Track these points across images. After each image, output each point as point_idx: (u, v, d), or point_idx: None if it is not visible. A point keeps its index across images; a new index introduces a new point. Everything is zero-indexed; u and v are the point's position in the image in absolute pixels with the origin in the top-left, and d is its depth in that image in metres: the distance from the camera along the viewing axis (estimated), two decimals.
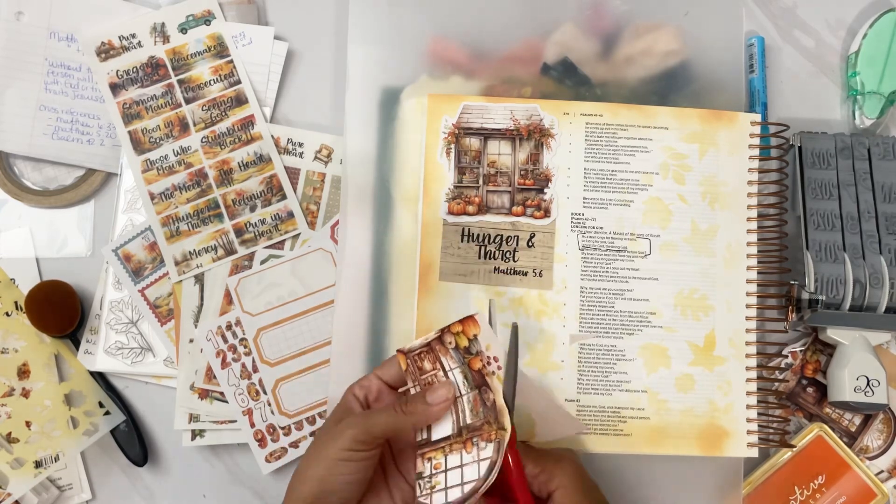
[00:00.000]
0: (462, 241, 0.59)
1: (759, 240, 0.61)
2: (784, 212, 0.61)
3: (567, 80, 0.63)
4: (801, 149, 0.63)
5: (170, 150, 0.63)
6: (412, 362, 0.50)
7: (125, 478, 0.62)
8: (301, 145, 0.64)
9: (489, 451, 0.47)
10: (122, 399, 0.62)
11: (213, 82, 0.64)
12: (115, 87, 0.63)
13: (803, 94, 0.67)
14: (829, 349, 0.62)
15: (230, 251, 0.62)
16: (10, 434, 0.59)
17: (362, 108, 0.62)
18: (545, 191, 0.60)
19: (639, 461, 0.59)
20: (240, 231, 0.63)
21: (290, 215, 0.63)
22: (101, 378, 0.62)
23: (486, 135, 0.61)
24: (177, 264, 0.62)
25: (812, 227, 0.61)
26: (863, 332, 0.60)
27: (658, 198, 0.61)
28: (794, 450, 0.60)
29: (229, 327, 0.61)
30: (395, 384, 0.51)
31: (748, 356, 0.59)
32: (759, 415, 0.59)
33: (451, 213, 0.60)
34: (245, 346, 0.61)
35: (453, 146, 0.60)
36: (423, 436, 0.49)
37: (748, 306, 0.60)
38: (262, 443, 0.60)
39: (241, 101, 0.64)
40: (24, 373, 0.61)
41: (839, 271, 0.60)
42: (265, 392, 0.60)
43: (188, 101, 0.64)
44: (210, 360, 0.61)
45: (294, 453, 0.60)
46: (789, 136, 0.63)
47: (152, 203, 0.63)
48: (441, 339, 0.49)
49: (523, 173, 0.60)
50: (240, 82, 0.64)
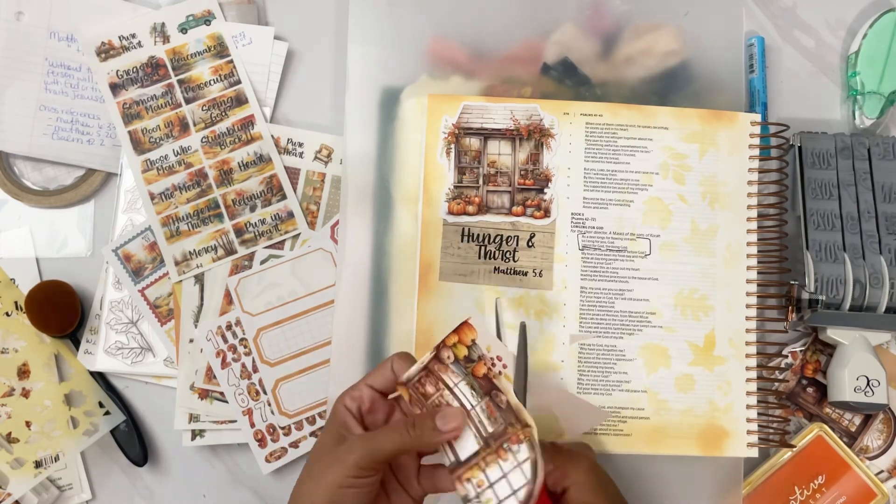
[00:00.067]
0: (462, 241, 0.59)
1: (759, 240, 0.61)
2: (784, 212, 0.61)
3: (567, 80, 0.63)
4: (801, 149, 0.63)
5: (170, 150, 0.63)
6: (414, 391, 0.48)
7: (125, 478, 0.62)
8: (301, 145, 0.64)
9: (524, 451, 0.46)
10: (122, 399, 0.62)
11: (213, 82, 0.64)
12: (115, 87, 0.63)
13: (803, 94, 0.67)
14: (829, 349, 0.62)
15: (230, 251, 0.62)
16: (10, 434, 0.59)
17: (362, 108, 0.62)
18: (545, 191, 0.60)
19: (639, 461, 0.59)
20: (240, 231, 0.63)
21: (290, 215, 0.63)
22: (101, 378, 0.62)
23: (486, 135, 0.61)
24: (177, 264, 0.62)
25: (812, 227, 0.61)
26: (863, 332, 0.60)
27: (658, 198, 0.61)
28: (794, 450, 0.60)
29: (229, 327, 0.61)
30: (387, 391, 0.49)
31: (748, 356, 0.59)
32: (759, 415, 0.59)
33: (451, 213, 0.60)
34: (245, 346, 0.61)
35: (453, 146, 0.60)
36: (451, 458, 0.47)
37: (748, 306, 0.60)
38: (262, 443, 0.60)
39: (241, 101, 0.64)
40: (24, 373, 0.61)
41: (839, 271, 0.60)
42: (265, 392, 0.60)
43: (188, 101, 0.64)
44: (210, 360, 0.61)
45: (294, 453, 0.60)
46: (789, 136, 0.63)
47: (152, 203, 0.63)
48: (438, 356, 0.48)
49: (523, 173, 0.60)
50: (240, 82, 0.64)
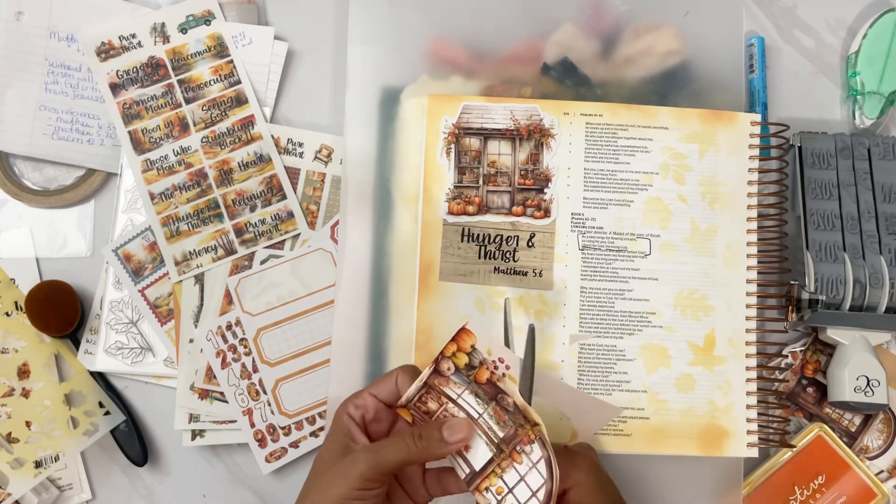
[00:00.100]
0: (462, 241, 0.59)
1: (759, 240, 0.61)
2: (784, 212, 0.61)
3: (567, 80, 0.63)
4: (801, 149, 0.63)
5: (170, 150, 0.63)
6: (416, 410, 0.48)
7: (125, 478, 0.62)
8: (301, 145, 0.64)
9: (537, 450, 0.46)
10: (122, 399, 0.62)
11: (213, 82, 0.64)
12: (115, 87, 0.63)
13: (803, 94, 0.67)
14: (829, 349, 0.62)
15: (230, 251, 0.62)
16: (10, 434, 0.59)
17: (362, 108, 0.62)
18: (545, 191, 0.60)
19: (639, 461, 0.59)
20: (240, 231, 0.63)
21: (290, 215, 0.63)
22: (101, 378, 0.62)
23: (486, 135, 0.61)
24: (177, 264, 0.62)
25: (812, 227, 0.61)
26: (863, 332, 0.60)
27: (658, 198, 0.61)
28: (794, 450, 0.60)
29: (229, 327, 0.61)
30: (391, 402, 0.49)
31: (748, 356, 0.59)
32: (759, 415, 0.59)
33: (451, 213, 0.60)
34: (245, 346, 0.61)
35: (453, 146, 0.60)
36: (466, 470, 0.47)
37: (748, 306, 0.60)
38: (262, 443, 0.60)
39: (241, 101, 0.64)
40: (24, 373, 0.61)
41: (839, 271, 0.60)
42: (265, 392, 0.60)
43: (188, 101, 0.64)
44: (210, 360, 0.61)
45: (294, 453, 0.60)
46: (789, 136, 0.63)
47: (152, 203, 0.63)
48: (437, 370, 0.47)
49: (523, 173, 0.60)
50: (240, 82, 0.64)
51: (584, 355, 0.59)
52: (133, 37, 0.64)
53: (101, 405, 0.61)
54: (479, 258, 0.59)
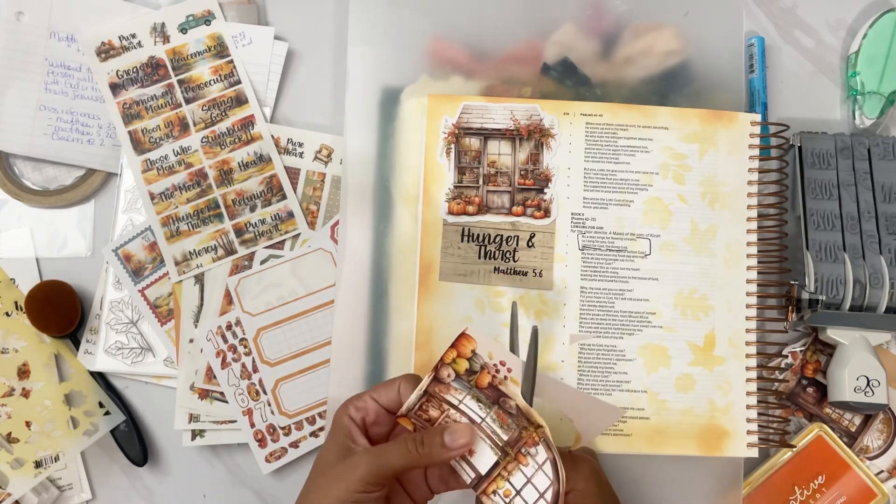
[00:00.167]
0: (462, 241, 0.59)
1: (759, 240, 0.61)
2: (784, 212, 0.61)
3: (567, 80, 0.63)
4: (801, 149, 0.63)
5: (170, 150, 0.63)
6: (417, 419, 0.47)
7: (125, 478, 0.62)
8: (301, 145, 0.64)
9: (542, 452, 0.46)
10: (122, 399, 0.62)
11: (213, 82, 0.64)
12: (115, 87, 0.63)
13: (803, 94, 0.67)
14: (829, 349, 0.62)
15: (230, 251, 0.62)
16: (10, 434, 0.59)
17: (362, 108, 0.62)
18: (545, 191, 0.60)
19: (639, 461, 0.59)
20: (240, 231, 0.63)
21: (290, 215, 0.63)
22: (101, 378, 0.62)
23: (486, 135, 0.61)
24: (177, 264, 0.62)
25: (812, 227, 0.61)
26: (863, 332, 0.60)
27: (658, 198, 0.61)
28: (794, 450, 0.60)
29: (229, 327, 0.61)
30: (392, 408, 0.48)
31: (748, 356, 0.59)
32: (759, 415, 0.59)
33: (451, 213, 0.60)
34: (245, 346, 0.61)
35: (453, 146, 0.60)
36: (471, 475, 0.47)
37: (748, 306, 0.60)
38: (262, 443, 0.60)
39: (241, 101, 0.64)
40: (24, 373, 0.61)
41: (839, 271, 0.60)
42: (265, 392, 0.60)
43: (188, 101, 0.64)
44: (210, 360, 0.61)
45: (294, 453, 0.60)
46: (789, 136, 0.63)
47: (152, 203, 0.63)
48: (437, 377, 0.47)
49: (523, 173, 0.60)
50: (240, 82, 0.64)
51: (584, 355, 0.59)
52: (133, 37, 0.64)
53: (101, 405, 0.61)
54: (479, 258, 0.59)
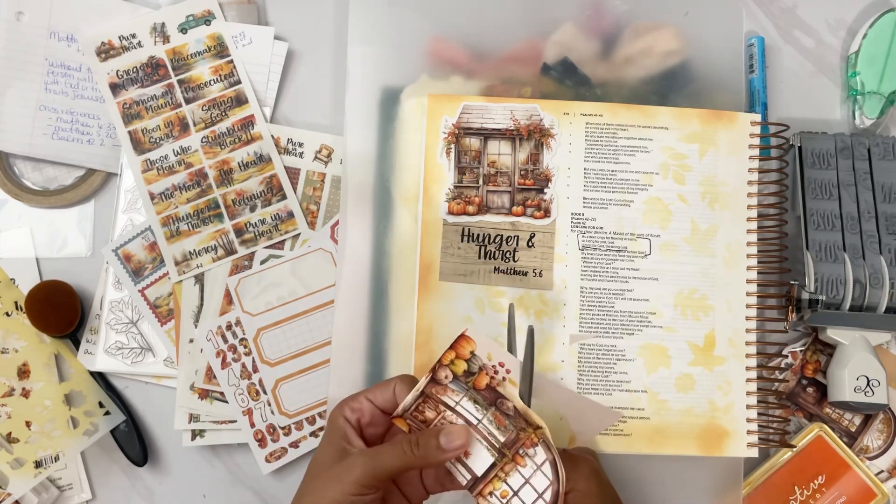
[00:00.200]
0: (462, 241, 0.59)
1: (759, 240, 0.61)
2: (784, 212, 0.61)
3: (567, 80, 0.63)
4: (801, 149, 0.63)
5: (170, 150, 0.63)
6: (413, 420, 0.47)
7: (125, 478, 0.62)
8: (301, 145, 0.64)
9: (541, 453, 0.46)
10: (122, 399, 0.62)
11: (213, 82, 0.64)
12: (115, 87, 0.63)
13: (803, 94, 0.67)
14: (829, 349, 0.62)
15: (230, 251, 0.62)
16: (10, 434, 0.59)
17: (362, 108, 0.62)
18: (545, 191, 0.60)
19: (639, 461, 0.59)
20: (240, 231, 0.63)
21: (290, 215, 0.63)
22: (101, 378, 0.62)
23: (486, 135, 0.61)
24: (177, 264, 0.62)
25: (812, 227, 0.61)
26: (863, 332, 0.60)
27: (658, 198, 0.61)
28: (794, 450, 0.60)
29: (229, 327, 0.61)
30: (387, 409, 0.48)
31: (748, 356, 0.59)
32: (759, 415, 0.59)
33: (451, 213, 0.60)
34: (245, 346, 0.61)
35: (453, 146, 0.60)
36: (467, 476, 0.46)
37: (748, 306, 0.60)
38: (262, 443, 0.60)
39: (241, 101, 0.64)
40: (24, 373, 0.61)
41: (839, 271, 0.60)
42: (265, 392, 0.60)
43: (188, 101, 0.64)
44: (210, 360, 0.61)
45: (294, 453, 0.60)
46: (789, 136, 0.63)
47: (152, 203, 0.63)
48: (434, 378, 0.47)
49: (523, 173, 0.60)
50: (240, 82, 0.64)
51: (584, 355, 0.59)
52: (133, 37, 0.64)
53: (101, 405, 0.61)
54: (479, 258, 0.59)
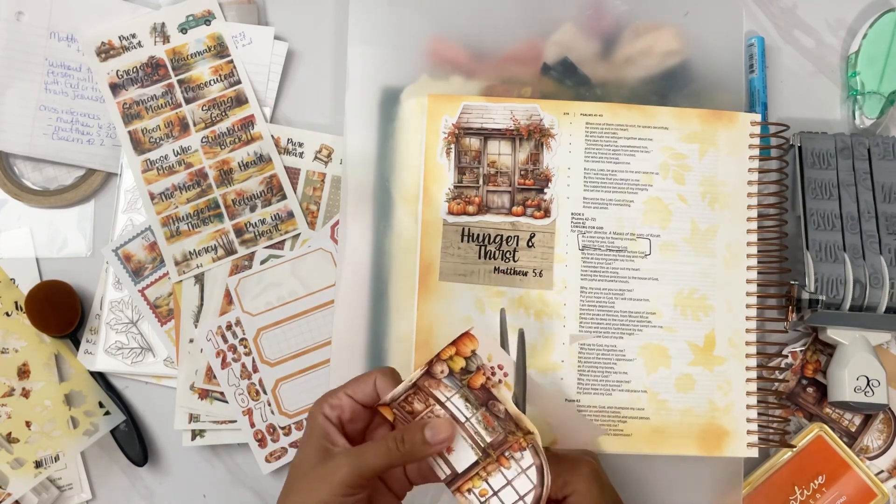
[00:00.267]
0: (462, 241, 0.59)
1: (759, 240, 0.61)
2: (784, 212, 0.61)
3: (567, 80, 0.63)
4: (801, 149, 0.63)
5: (170, 150, 0.63)
6: (399, 410, 0.47)
7: (125, 478, 0.62)
8: (301, 145, 0.64)
9: (528, 458, 0.46)
10: (122, 399, 0.62)
11: (213, 82, 0.64)
12: (115, 87, 0.63)
13: (803, 94, 0.67)
14: (829, 349, 0.62)
15: (230, 251, 0.62)
16: (10, 434, 0.59)
17: (362, 108, 0.62)
18: (545, 191, 0.60)
19: (639, 461, 0.59)
20: (240, 231, 0.63)
21: (290, 215, 0.63)
22: (101, 378, 0.62)
23: (486, 135, 0.61)
24: (177, 264, 0.62)
25: (812, 227, 0.61)
26: (863, 332, 0.60)
27: (658, 198, 0.61)
28: (794, 450, 0.60)
29: (229, 327, 0.61)
30: (368, 403, 0.47)
31: (748, 356, 0.59)
32: (759, 415, 0.59)
33: (451, 213, 0.60)
34: (245, 346, 0.61)
35: (453, 146, 0.60)
36: (447, 472, 0.46)
37: (748, 306, 0.60)
38: (262, 443, 0.60)
39: (241, 101, 0.64)
40: (24, 373, 0.61)
41: (839, 271, 0.60)
42: (265, 392, 0.60)
43: (188, 101, 0.64)
44: (210, 360, 0.61)
45: (294, 453, 0.60)
46: (789, 136, 0.63)
47: (152, 203, 0.63)
48: (430, 372, 0.46)
49: (523, 173, 0.60)
50: (240, 82, 0.64)
51: (584, 355, 0.59)
52: (133, 37, 0.64)
53: (101, 405, 0.61)
54: (479, 258, 0.59)
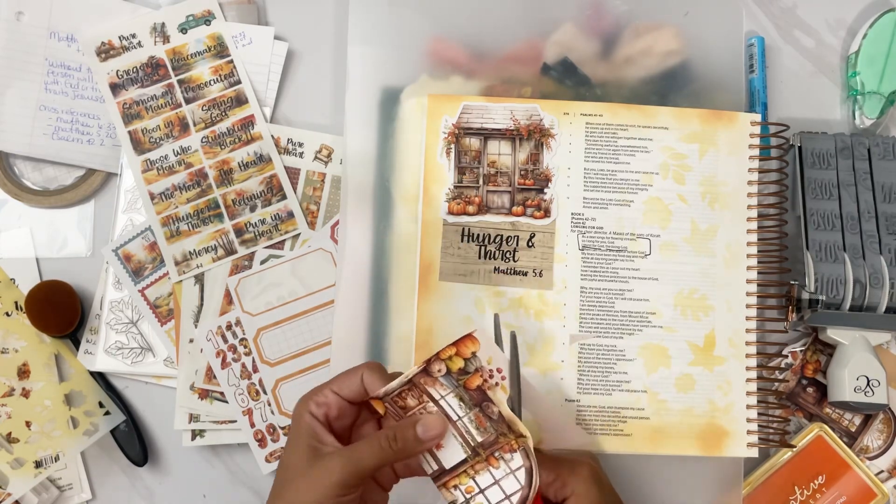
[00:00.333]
0: (462, 241, 0.59)
1: (759, 240, 0.61)
2: (784, 212, 0.61)
3: (567, 80, 0.63)
4: (801, 149, 0.63)
5: (170, 150, 0.63)
6: (391, 404, 0.46)
7: (125, 478, 0.62)
8: (301, 145, 0.64)
9: (518, 459, 0.46)
10: (122, 399, 0.62)
11: (213, 82, 0.64)
12: (115, 87, 0.63)
13: (803, 94, 0.67)
14: (829, 349, 0.62)
15: (230, 251, 0.62)
16: (10, 434, 0.59)
17: (362, 108, 0.62)
18: (545, 191, 0.60)
19: (639, 461, 0.59)
20: (240, 231, 0.63)
21: (290, 215, 0.63)
22: (101, 378, 0.62)
23: (486, 135, 0.61)
24: (177, 264, 0.62)
25: (812, 227, 0.61)
26: (863, 332, 0.60)
27: (658, 198, 0.61)
28: (794, 450, 0.60)
29: (229, 327, 0.61)
30: (355, 399, 0.47)
31: (748, 356, 0.59)
32: (759, 415, 0.59)
33: (451, 213, 0.60)
34: (245, 346, 0.61)
35: (453, 146, 0.60)
36: (434, 467, 0.46)
37: (748, 306, 0.60)
38: (262, 443, 0.60)
39: (241, 101, 0.64)
40: (24, 373, 0.61)
41: (839, 271, 0.60)
42: (265, 392, 0.60)
43: (188, 101, 0.64)
44: (210, 360, 0.61)
45: None
46: (789, 136, 0.63)
47: (152, 203, 0.63)
48: (427, 370, 0.46)
49: (523, 173, 0.60)
50: (240, 82, 0.64)
51: (584, 355, 0.59)
52: (133, 37, 0.64)
53: (101, 405, 0.61)
54: (479, 258, 0.59)
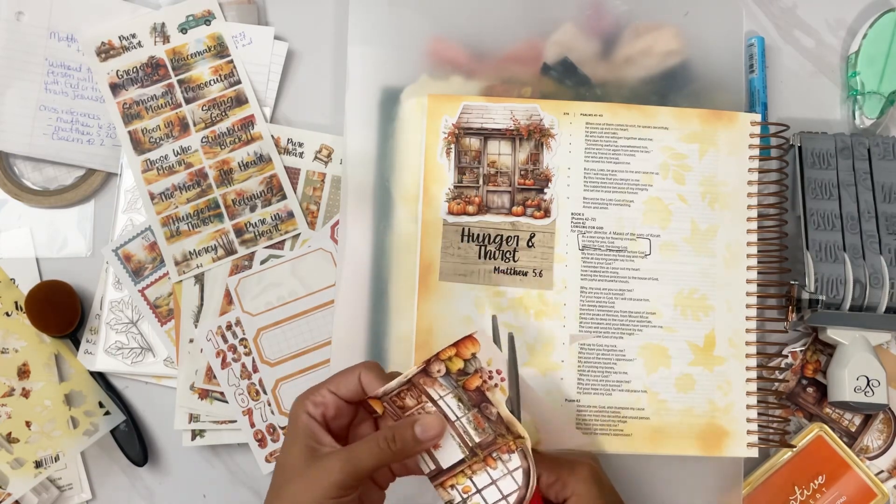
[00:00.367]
0: (462, 241, 0.59)
1: (759, 240, 0.61)
2: (784, 212, 0.61)
3: (567, 80, 0.63)
4: (801, 149, 0.63)
5: (170, 150, 0.63)
6: (390, 404, 0.46)
7: (125, 478, 0.62)
8: (301, 145, 0.64)
9: (516, 460, 0.46)
10: (122, 399, 0.62)
11: (213, 82, 0.64)
12: (115, 87, 0.63)
13: (803, 94, 0.67)
14: (829, 349, 0.62)
15: (230, 251, 0.62)
16: (10, 434, 0.59)
17: (362, 108, 0.62)
18: (545, 191, 0.60)
19: (639, 461, 0.59)
20: (240, 231, 0.63)
21: (290, 215, 0.63)
22: (101, 378, 0.62)
23: (486, 135, 0.61)
24: (177, 264, 0.62)
25: (812, 227, 0.61)
26: (863, 332, 0.60)
27: (658, 198, 0.61)
28: (794, 450, 0.60)
29: (229, 327, 0.61)
30: (352, 399, 0.47)
31: (748, 356, 0.59)
32: (759, 415, 0.59)
33: (451, 213, 0.60)
34: (245, 346, 0.61)
35: (453, 146, 0.60)
36: (431, 466, 0.46)
37: (748, 306, 0.60)
38: (262, 443, 0.60)
39: (241, 101, 0.64)
40: (24, 373, 0.61)
41: (839, 271, 0.60)
42: (265, 392, 0.60)
43: (188, 101, 0.64)
44: (210, 360, 0.61)
45: None
46: (789, 136, 0.63)
47: (152, 203, 0.63)
48: (426, 370, 0.46)
49: (523, 173, 0.60)
50: (240, 82, 0.64)
51: (584, 355, 0.59)
52: (133, 37, 0.64)
53: (101, 405, 0.61)
54: (479, 258, 0.59)
